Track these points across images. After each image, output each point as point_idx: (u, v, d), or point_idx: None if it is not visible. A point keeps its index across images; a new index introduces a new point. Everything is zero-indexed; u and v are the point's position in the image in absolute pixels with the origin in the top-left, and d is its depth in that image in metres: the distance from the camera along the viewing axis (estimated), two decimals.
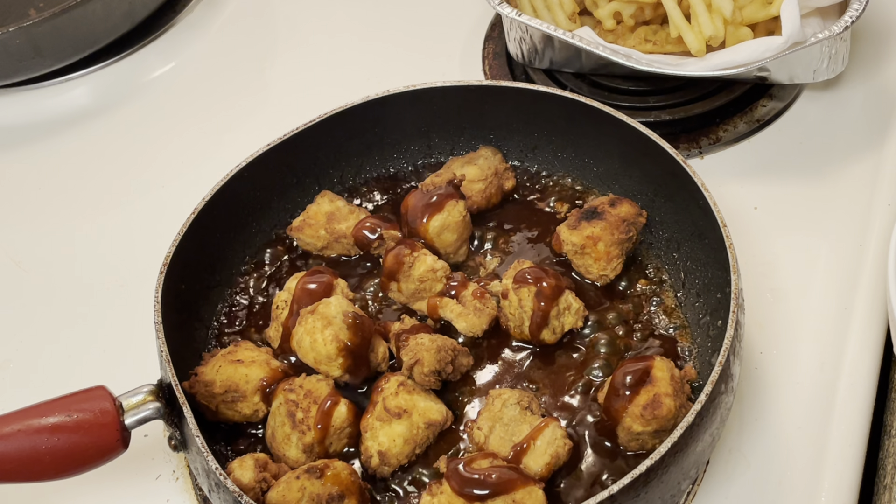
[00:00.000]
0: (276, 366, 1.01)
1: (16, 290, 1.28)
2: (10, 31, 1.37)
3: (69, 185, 1.38)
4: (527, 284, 1.02)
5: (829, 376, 1.07)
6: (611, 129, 1.10)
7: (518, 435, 0.94)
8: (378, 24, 1.55)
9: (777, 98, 1.33)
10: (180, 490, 1.06)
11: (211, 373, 1.00)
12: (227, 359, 1.01)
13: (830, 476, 1.00)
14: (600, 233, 1.05)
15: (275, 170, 1.14)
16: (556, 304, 1.01)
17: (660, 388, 0.93)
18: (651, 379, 0.93)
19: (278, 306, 1.06)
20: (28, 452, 0.88)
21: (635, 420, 0.92)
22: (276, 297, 1.07)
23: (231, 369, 1.00)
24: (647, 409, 0.92)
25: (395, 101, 1.15)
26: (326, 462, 0.93)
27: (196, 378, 0.99)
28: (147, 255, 1.09)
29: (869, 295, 1.12)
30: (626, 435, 0.94)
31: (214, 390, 0.98)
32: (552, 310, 1.01)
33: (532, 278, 1.02)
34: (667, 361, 0.96)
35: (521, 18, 1.29)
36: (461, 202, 1.09)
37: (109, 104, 1.49)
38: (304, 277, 1.06)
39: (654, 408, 0.92)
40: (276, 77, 1.50)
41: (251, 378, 0.99)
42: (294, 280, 1.06)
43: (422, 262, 1.05)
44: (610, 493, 0.82)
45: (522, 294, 1.01)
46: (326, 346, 0.98)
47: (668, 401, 0.92)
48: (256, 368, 1.00)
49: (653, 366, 0.95)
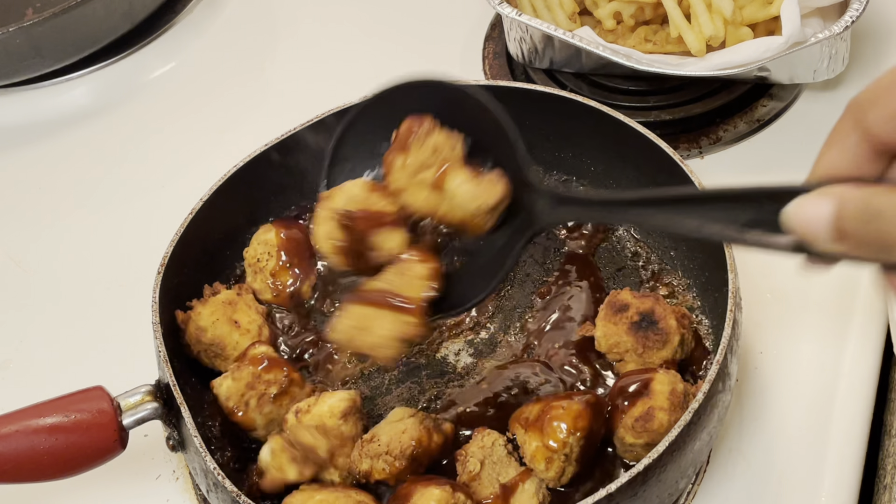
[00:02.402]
0: (266, 338, 1.03)
1: (15, 289, 1.28)
2: (10, 31, 1.37)
3: (69, 185, 1.39)
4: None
5: (829, 376, 1.07)
6: (609, 129, 1.10)
7: (504, 476, 0.92)
8: (378, 24, 1.55)
9: (777, 98, 1.33)
10: (180, 490, 1.06)
11: (206, 319, 1.02)
12: (225, 313, 1.03)
13: (830, 476, 1.00)
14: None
15: (274, 170, 1.14)
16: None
17: (655, 401, 0.91)
18: (649, 392, 0.92)
19: (259, 259, 1.08)
20: (26, 453, 0.88)
21: (628, 431, 0.92)
22: (249, 253, 1.10)
23: (225, 329, 1.02)
24: (638, 422, 0.91)
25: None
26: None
27: (190, 315, 1.02)
28: (146, 255, 1.09)
29: (869, 295, 1.12)
30: (620, 445, 0.94)
31: (202, 338, 1.02)
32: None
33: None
34: (670, 375, 0.94)
35: (521, 18, 1.29)
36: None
37: (109, 104, 1.49)
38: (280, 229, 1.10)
39: (645, 420, 0.91)
40: (276, 77, 1.50)
41: (239, 347, 1.02)
42: (267, 233, 1.10)
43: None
44: (608, 492, 0.82)
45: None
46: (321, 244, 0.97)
47: (661, 415, 0.90)
48: (248, 340, 1.02)
49: (653, 379, 0.93)
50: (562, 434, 0.90)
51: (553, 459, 0.90)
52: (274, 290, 1.09)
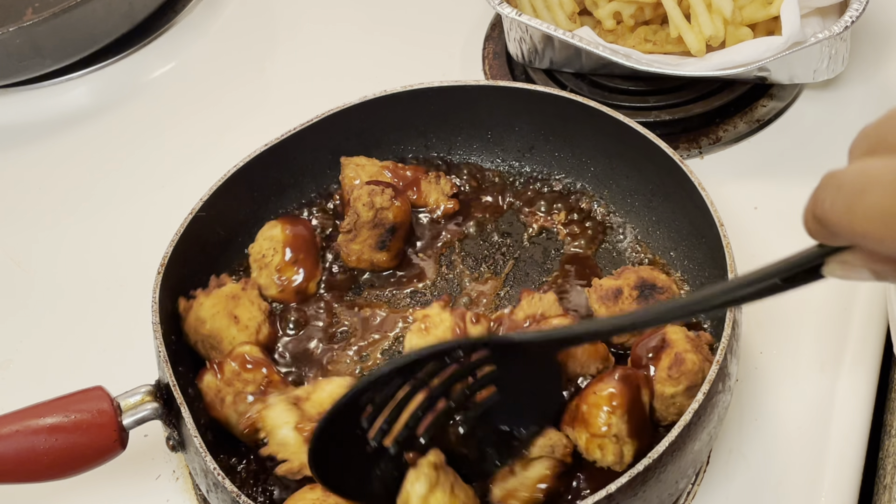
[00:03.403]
0: (263, 340, 1.04)
1: (16, 290, 1.28)
2: (10, 31, 1.37)
3: (69, 185, 1.39)
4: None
5: (829, 376, 1.07)
6: (608, 129, 1.10)
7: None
8: (378, 24, 1.55)
9: (777, 98, 1.33)
10: (180, 490, 1.06)
11: (207, 311, 1.02)
12: (227, 307, 1.03)
13: (830, 476, 1.00)
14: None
15: (273, 170, 1.14)
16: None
17: (678, 346, 0.94)
18: (668, 342, 0.95)
19: (264, 255, 1.09)
20: (26, 453, 0.88)
21: (665, 383, 0.93)
22: (255, 249, 1.10)
23: (224, 323, 1.03)
24: (672, 369, 0.93)
25: (392, 101, 1.15)
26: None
27: (192, 304, 1.03)
28: (146, 255, 1.09)
29: (869, 295, 1.12)
30: (661, 403, 0.94)
31: (200, 329, 1.02)
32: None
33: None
34: (678, 326, 0.97)
35: (521, 18, 1.29)
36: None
37: (109, 104, 1.49)
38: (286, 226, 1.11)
39: (678, 364, 0.92)
40: (276, 77, 1.50)
41: (236, 342, 1.02)
42: (272, 228, 1.11)
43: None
44: (608, 492, 0.82)
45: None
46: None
47: (689, 356, 0.93)
48: (245, 337, 1.03)
49: (666, 331, 0.96)
50: (602, 418, 0.90)
51: (605, 445, 0.90)
52: (279, 286, 1.09)
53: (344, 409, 0.83)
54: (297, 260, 1.10)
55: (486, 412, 0.86)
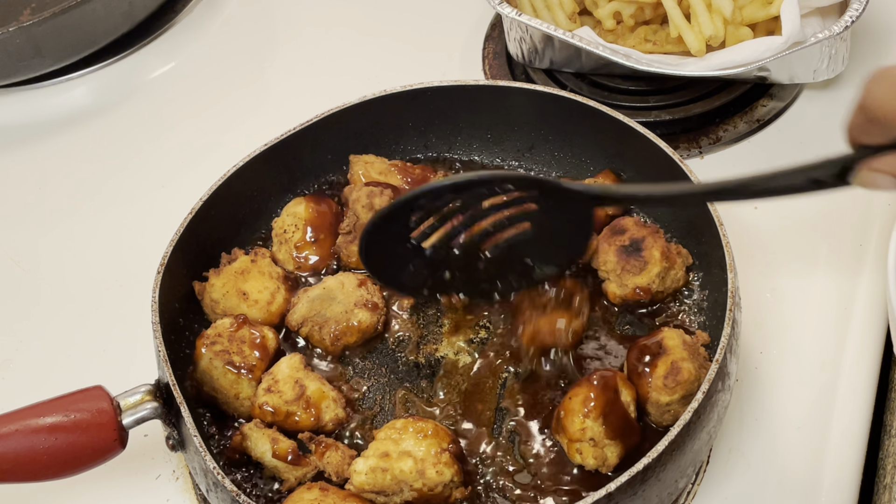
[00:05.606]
0: (276, 310, 1.06)
1: (16, 290, 1.28)
2: (10, 31, 1.37)
3: (69, 185, 1.39)
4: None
5: (829, 376, 1.07)
6: (608, 129, 1.10)
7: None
8: (378, 24, 1.55)
9: (777, 98, 1.33)
10: (180, 490, 1.06)
11: (218, 292, 1.06)
12: (236, 283, 1.06)
13: (830, 476, 1.00)
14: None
15: (273, 170, 1.14)
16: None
17: (675, 354, 0.95)
18: (664, 349, 0.95)
19: (286, 230, 1.11)
20: (26, 452, 0.88)
21: (660, 392, 0.93)
22: (278, 223, 1.12)
23: (234, 302, 1.06)
24: (668, 378, 0.93)
25: (392, 101, 1.15)
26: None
27: (206, 287, 1.07)
28: (146, 255, 1.09)
29: (869, 295, 1.12)
30: (656, 410, 0.95)
31: (216, 310, 1.06)
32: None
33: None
34: (675, 330, 0.97)
35: (521, 18, 1.29)
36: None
37: (109, 104, 1.49)
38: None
39: (674, 374, 0.93)
40: (276, 77, 1.50)
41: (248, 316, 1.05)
42: (297, 205, 1.13)
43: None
44: (608, 492, 0.83)
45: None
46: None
47: (685, 365, 0.93)
48: (256, 311, 1.06)
49: (663, 336, 0.96)
50: (576, 423, 0.92)
51: (583, 449, 0.92)
52: (296, 263, 1.11)
53: (400, 207, 0.91)
54: (316, 239, 1.11)
55: (516, 244, 0.93)
